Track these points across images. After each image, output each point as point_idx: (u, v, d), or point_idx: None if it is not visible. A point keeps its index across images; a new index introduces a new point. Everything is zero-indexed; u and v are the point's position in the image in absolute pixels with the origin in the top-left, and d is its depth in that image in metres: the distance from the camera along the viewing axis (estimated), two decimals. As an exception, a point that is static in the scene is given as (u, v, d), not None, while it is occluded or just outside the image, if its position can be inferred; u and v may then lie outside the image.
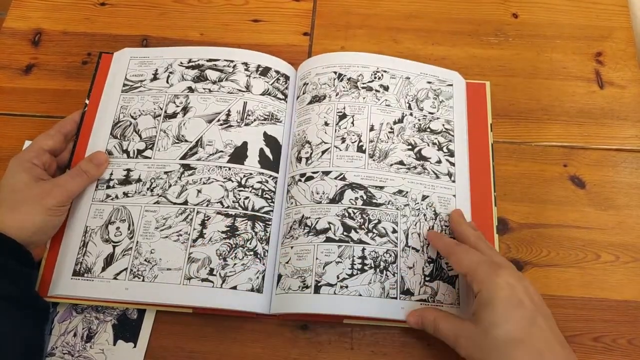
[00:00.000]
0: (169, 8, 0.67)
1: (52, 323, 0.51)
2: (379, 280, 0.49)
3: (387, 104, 0.55)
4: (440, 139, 0.55)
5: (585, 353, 0.50)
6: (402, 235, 0.50)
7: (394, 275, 0.49)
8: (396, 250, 0.50)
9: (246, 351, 0.50)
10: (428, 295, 0.49)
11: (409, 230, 0.51)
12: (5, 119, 0.61)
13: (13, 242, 0.46)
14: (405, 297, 0.49)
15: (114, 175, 0.53)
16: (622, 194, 0.56)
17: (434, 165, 0.54)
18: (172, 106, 0.55)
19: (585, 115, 0.60)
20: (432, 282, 0.50)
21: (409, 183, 0.52)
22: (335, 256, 0.49)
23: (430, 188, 0.52)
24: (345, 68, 0.57)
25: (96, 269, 0.49)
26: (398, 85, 0.56)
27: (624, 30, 0.64)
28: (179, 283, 0.48)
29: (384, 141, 0.54)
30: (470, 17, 0.66)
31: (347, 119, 0.54)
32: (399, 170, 0.53)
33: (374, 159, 0.53)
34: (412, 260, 0.50)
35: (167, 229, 0.50)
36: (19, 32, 0.66)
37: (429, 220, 0.51)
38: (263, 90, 0.56)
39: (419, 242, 0.51)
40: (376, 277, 0.49)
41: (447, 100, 0.57)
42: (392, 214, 0.51)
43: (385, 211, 0.51)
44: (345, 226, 0.50)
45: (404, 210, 0.51)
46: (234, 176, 0.52)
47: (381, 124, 0.54)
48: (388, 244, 0.50)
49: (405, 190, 0.52)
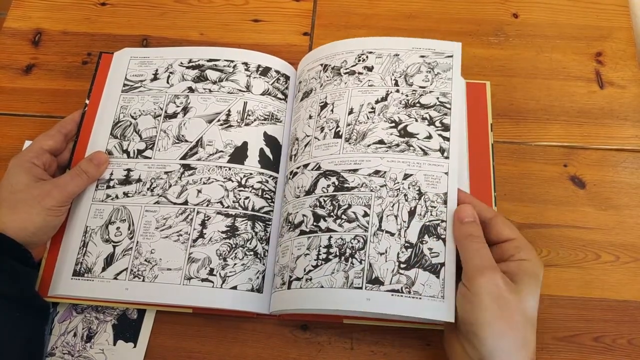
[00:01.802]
0: (169, 8, 0.67)
1: (52, 323, 0.51)
2: (342, 270, 0.45)
3: (370, 84, 0.53)
4: (433, 113, 0.51)
5: (585, 353, 0.50)
6: (375, 219, 0.46)
7: (360, 263, 0.45)
8: (366, 235, 0.46)
9: (246, 351, 0.50)
10: (402, 285, 0.44)
11: (383, 213, 0.47)
12: (5, 119, 0.61)
13: (13, 242, 0.46)
14: (373, 286, 0.44)
15: (114, 175, 0.53)
16: (622, 194, 0.56)
17: (422, 142, 0.50)
18: (172, 106, 0.55)
19: (585, 115, 0.60)
20: (409, 269, 0.44)
21: (388, 162, 0.49)
22: (304, 249, 0.47)
23: (415, 166, 0.48)
24: (331, 58, 0.56)
25: (96, 269, 0.49)
26: (384, 63, 0.54)
27: (624, 30, 0.64)
28: (179, 283, 0.48)
29: (363, 122, 0.51)
30: (470, 17, 0.66)
31: (327, 108, 0.53)
32: (378, 150, 0.49)
33: (350, 142, 0.50)
34: (384, 245, 0.45)
35: (167, 229, 0.50)
36: (19, 32, 0.66)
37: (411, 200, 0.47)
38: (263, 90, 0.56)
39: (396, 225, 0.46)
40: (340, 266, 0.45)
41: (445, 72, 0.53)
42: (364, 196, 0.48)
43: (357, 194, 0.48)
44: (315, 216, 0.48)
45: (380, 191, 0.48)
46: (234, 176, 0.52)
47: (361, 105, 0.52)
48: (357, 229, 0.46)
49: (383, 170, 0.48)
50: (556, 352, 0.50)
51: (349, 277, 0.45)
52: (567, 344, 0.50)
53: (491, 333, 0.39)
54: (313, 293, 0.45)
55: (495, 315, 0.39)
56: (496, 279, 0.40)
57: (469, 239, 0.43)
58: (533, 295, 0.41)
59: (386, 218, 0.47)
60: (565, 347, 0.50)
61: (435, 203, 0.47)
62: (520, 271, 0.41)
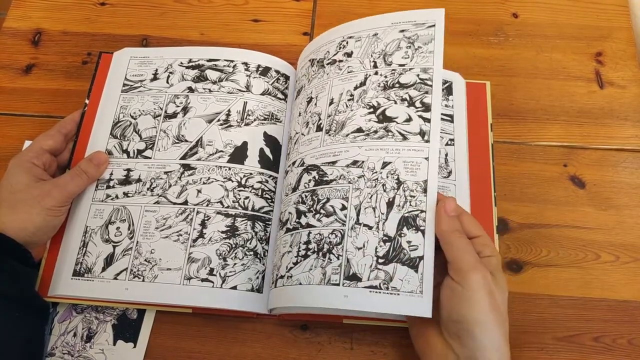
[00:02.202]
0: (169, 8, 0.67)
1: (52, 323, 0.51)
2: (320, 266, 0.44)
3: (350, 70, 0.51)
4: (413, 93, 0.48)
5: (585, 353, 0.50)
6: (353, 212, 0.45)
7: (338, 259, 0.44)
8: (343, 229, 0.45)
9: (246, 351, 0.50)
10: (380, 281, 0.42)
11: (361, 205, 0.45)
12: (5, 119, 0.61)
13: (13, 242, 0.46)
14: (351, 283, 0.43)
15: (114, 175, 0.53)
16: (622, 194, 0.56)
17: (401, 125, 0.47)
18: (172, 106, 0.55)
19: (585, 115, 0.60)
20: (387, 264, 0.42)
21: (366, 151, 0.47)
22: (288, 246, 0.47)
23: (393, 153, 0.46)
24: (316, 52, 0.55)
25: (96, 269, 0.49)
26: (363, 46, 0.51)
27: (624, 30, 0.64)
28: (179, 283, 0.48)
29: (342, 112, 0.49)
30: (470, 17, 0.66)
31: (312, 102, 0.52)
32: (356, 139, 0.47)
33: (330, 134, 0.49)
34: (362, 239, 0.44)
35: (167, 229, 0.50)
36: (19, 32, 0.66)
37: (389, 190, 0.45)
38: (263, 90, 0.56)
39: (374, 218, 0.44)
40: (317, 262, 0.44)
41: (426, 45, 0.49)
42: (342, 189, 0.46)
43: (334, 187, 0.46)
44: (297, 213, 0.47)
45: (358, 182, 0.46)
46: (234, 176, 0.52)
47: (340, 94, 0.50)
48: (335, 224, 0.45)
49: (361, 160, 0.46)
50: (556, 352, 0.50)
51: (327, 273, 0.44)
52: (567, 344, 0.50)
53: (483, 328, 0.39)
54: (292, 290, 0.45)
55: (487, 311, 0.39)
56: (487, 274, 0.40)
57: (456, 234, 0.42)
58: (505, 289, 0.42)
59: (364, 210, 0.45)
60: (565, 347, 0.50)
61: (414, 192, 0.44)
62: (491, 267, 0.41)
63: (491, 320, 0.39)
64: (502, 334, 0.40)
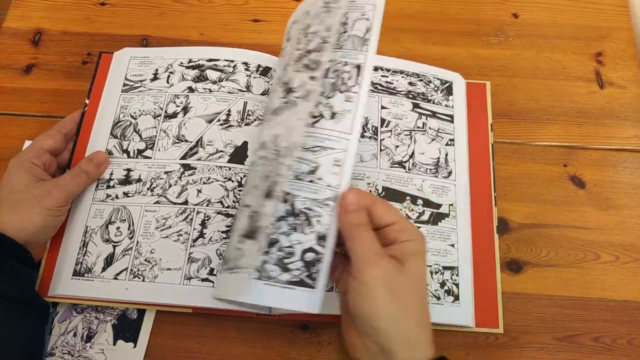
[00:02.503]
0: (169, 8, 0.67)
1: (52, 323, 0.51)
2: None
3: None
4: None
5: (585, 353, 0.50)
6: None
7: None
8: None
9: (246, 351, 0.50)
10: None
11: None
12: (5, 119, 0.61)
13: (13, 242, 0.46)
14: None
15: (114, 175, 0.53)
16: (622, 194, 0.56)
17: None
18: (173, 106, 0.55)
19: (585, 115, 0.60)
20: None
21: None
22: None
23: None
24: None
25: (96, 269, 0.49)
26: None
27: (624, 30, 0.64)
28: (179, 283, 0.48)
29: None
30: (470, 17, 0.66)
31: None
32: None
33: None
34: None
35: (167, 229, 0.50)
36: (19, 32, 0.66)
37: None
38: (263, 90, 0.56)
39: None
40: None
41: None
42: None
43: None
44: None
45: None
46: (234, 176, 0.52)
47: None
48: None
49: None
50: (556, 352, 0.50)
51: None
52: (567, 344, 0.50)
53: (387, 322, 0.38)
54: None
55: (388, 303, 0.38)
56: (384, 265, 0.38)
57: (353, 228, 0.40)
58: (421, 273, 0.40)
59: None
60: (565, 347, 0.50)
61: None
62: (406, 252, 0.39)
63: (395, 312, 0.38)
64: (411, 322, 0.38)
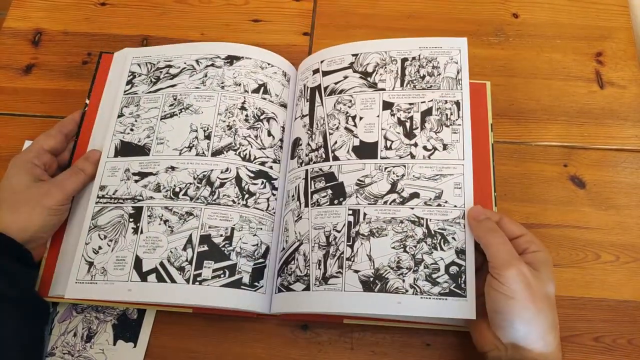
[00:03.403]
0: (169, 8, 0.67)
1: (52, 323, 0.51)
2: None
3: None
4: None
5: (585, 353, 0.50)
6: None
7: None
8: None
9: (246, 351, 0.50)
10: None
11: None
12: (5, 119, 0.61)
13: (13, 242, 0.46)
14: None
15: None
16: (622, 194, 0.56)
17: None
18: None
19: (585, 115, 0.60)
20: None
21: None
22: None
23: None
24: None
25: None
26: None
27: (624, 30, 0.64)
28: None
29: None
30: (470, 17, 0.66)
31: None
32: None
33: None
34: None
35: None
36: (19, 32, 0.66)
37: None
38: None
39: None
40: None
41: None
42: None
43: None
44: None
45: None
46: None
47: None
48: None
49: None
50: (556, 352, 0.50)
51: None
52: (567, 344, 0.50)
53: (524, 320, 0.42)
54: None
55: (525, 302, 0.41)
56: (523, 268, 0.42)
57: (491, 233, 0.45)
58: (552, 281, 0.44)
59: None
60: (565, 347, 0.50)
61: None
62: (537, 261, 0.44)
63: (530, 312, 0.41)
64: (544, 323, 0.42)
